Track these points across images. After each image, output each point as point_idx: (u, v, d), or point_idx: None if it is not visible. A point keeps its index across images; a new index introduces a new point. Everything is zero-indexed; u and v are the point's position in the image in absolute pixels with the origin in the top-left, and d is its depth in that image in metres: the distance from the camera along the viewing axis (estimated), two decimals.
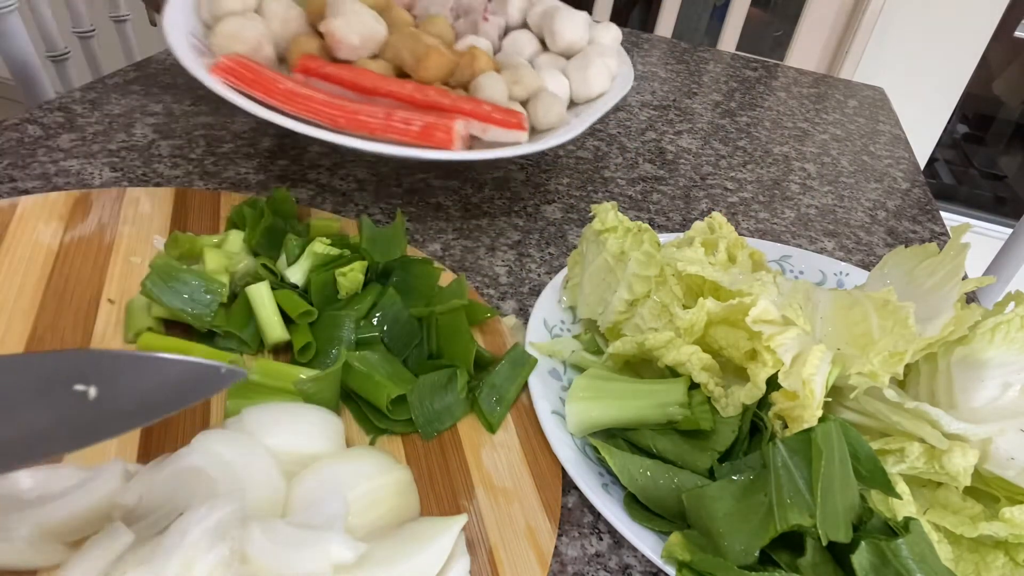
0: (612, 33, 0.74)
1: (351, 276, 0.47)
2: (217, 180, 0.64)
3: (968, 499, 0.38)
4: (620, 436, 0.41)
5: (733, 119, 0.97)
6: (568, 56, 0.71)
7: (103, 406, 0.26)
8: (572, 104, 0.69)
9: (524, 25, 0.75)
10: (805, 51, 1.67)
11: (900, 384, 0.43)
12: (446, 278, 0.53)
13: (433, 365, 0.45)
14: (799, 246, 0.69)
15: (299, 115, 0.53)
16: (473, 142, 0.58)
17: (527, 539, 0.37)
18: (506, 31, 0.74)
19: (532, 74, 0.63)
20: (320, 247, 0.48)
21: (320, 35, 0.62)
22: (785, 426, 0.38)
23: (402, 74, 0.62)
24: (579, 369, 0.46)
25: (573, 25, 0.70)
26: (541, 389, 0.43)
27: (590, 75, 0.67)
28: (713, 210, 0.71)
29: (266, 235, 0.50)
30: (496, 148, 0.56)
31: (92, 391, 0.26)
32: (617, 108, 0.92)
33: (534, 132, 0.62)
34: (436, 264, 0.51)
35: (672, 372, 0.42)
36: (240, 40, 0.58)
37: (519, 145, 0.58)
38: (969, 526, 0.36)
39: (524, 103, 0.63)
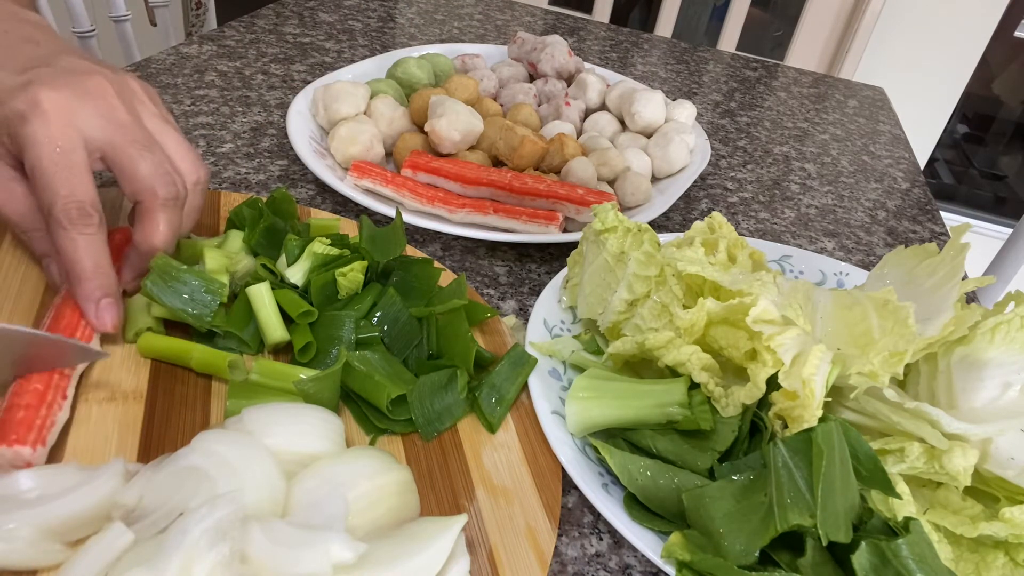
0: (688, 110, 0.78)
1: (351, 276, 0.47)
2: (217, 180, 0.64)
3: (968, 499, 0.38)
4: (620, 436, 0.41)
5: (733, 119, 0.97)
6: (647, 134, 0.75)
7: None
8: (654, 178, 0.72)
9: (602, 106, 0.80)
10: (805, 51, 1.67)
11: (900, 384, 0.43)
12: (446, 278, 0.53)
13: (433, 365, 0.45)
14: (799, 246, 0.69)
15: (425, 207, 0.61)
16: (568, 222, 0.62)
17: (527, 539, 0.37)
18: (586, 113, 0.79)
19: (617, 156, 0.67)
20: (320, 247, 0.48)
21: (422, 130, 0.68)
22: (785, 426, 0.38)
23: (497, 162, 0.68)
24: (579, 369, 0.46)
25: (652, 106, 0.74)
26: (541, 389, 0.43)
27: (671, 152, 0.71)
28: (713, 210, 0.71)
29: (266, 235, 0.50)
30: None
31: None
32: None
33: (623, 209, 0.66)
34: (436, 264, 0.51)
35: (672, 372, 0.42)
36: (355, 142, 0.64)
37: None
38: (969, 526, 0.36)
39: (611, 182, 0.67)
